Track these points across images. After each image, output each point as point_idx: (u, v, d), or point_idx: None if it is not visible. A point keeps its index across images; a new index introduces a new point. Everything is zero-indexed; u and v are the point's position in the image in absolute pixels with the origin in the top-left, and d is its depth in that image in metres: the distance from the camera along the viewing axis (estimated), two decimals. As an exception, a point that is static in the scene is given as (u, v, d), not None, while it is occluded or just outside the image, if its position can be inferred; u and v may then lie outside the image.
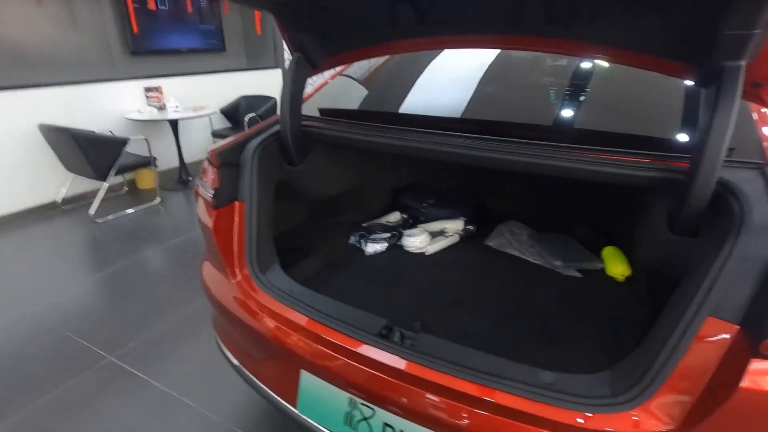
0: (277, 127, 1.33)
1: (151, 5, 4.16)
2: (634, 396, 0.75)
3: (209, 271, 1.33)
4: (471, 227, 1.74)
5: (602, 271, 1.49)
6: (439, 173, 2.08)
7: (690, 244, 0.88)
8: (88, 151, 3.12)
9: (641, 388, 0.75)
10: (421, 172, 2.10)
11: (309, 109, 1.50)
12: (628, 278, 1.42)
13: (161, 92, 4.08)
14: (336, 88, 1.66)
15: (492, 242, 1.69)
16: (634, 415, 0.74)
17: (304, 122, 1.35)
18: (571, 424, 0.76)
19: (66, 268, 2.74)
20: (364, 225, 1.75)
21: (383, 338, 0.98)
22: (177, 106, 4.18)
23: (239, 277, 1.22)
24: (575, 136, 1.18)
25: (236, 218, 1.25)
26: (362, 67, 1.79)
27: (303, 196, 1.54)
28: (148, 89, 4.07)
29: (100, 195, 3.39)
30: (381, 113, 1.48)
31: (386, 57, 1.78)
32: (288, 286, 1.17)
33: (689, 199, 0.82)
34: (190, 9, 4.58)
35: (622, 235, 1.56)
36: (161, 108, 4.09)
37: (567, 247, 1.60)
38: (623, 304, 1.30)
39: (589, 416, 0.76)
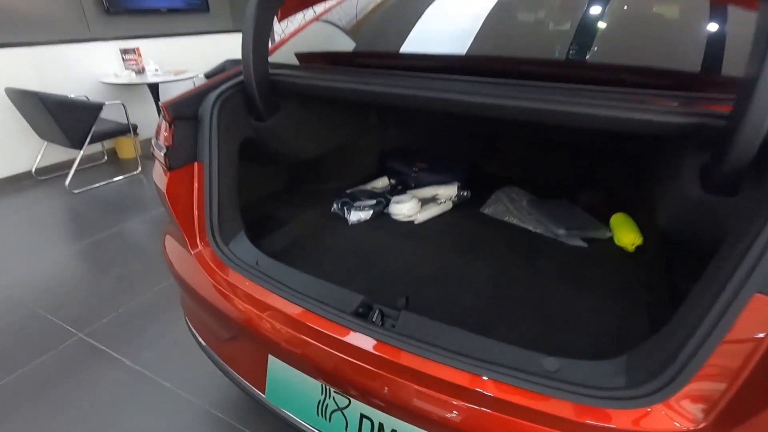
0: (241, 77, 1.14)
1: (124, -42, 3.83)
2: (658, 388, 0.61)
3: (170, 243, 1.18)
4: (465, 193, 1.58)
5: (610, 240, 1.35)
6: (430, 134, 1.90)
7: (727, 205, 0.72)
8: (60, 117, 2.91)
9: (666, 379, 0.61)
10: (411, 132, 1.91)
11: (278, 57, 1.31)
12: (638, 248, 1.27)
13: (139, 54, 3.82)
14: (313, 35, 1.46)
15: (488, 209, 1.53)
16: (657, 411, 0.61)
17: (272, 70, 1.16)
18: (579, 421, 0.63)
19: (39, 241, 2.59)
20: (348, 191, 1.59)
21: (360, 318, 0.85)
22: (157, 70, 3.93)
23: (199, 249, 1.07)
24: (592, 72, 1.01)
25: (195, 181, 1.09)
26: (348, 14, 1.59)
27: (276, 157, 1.37)
28: (125, 51, 3.81)
29: (76, 164, 3.20)
30: (367, 55, 1.29)
31: (375, 3, 1.58)
32: (253, 259, 1.02)
33: (731, 150, 0.66)
34: (168, -36, 4.24)
35: (633, 199, 1.41)
36: (140, 71, 3.84)
37: (570, 213, 1.45)
38: (635, 278, 1.16)
39: (603, 411, 0.62)
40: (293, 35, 1.42)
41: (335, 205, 1.53)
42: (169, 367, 1.61)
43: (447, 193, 1.57)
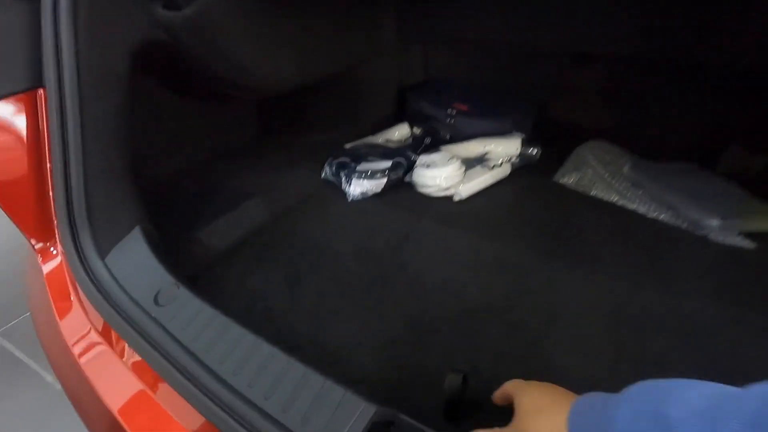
0: None
1: None
2: None
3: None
4: (533, 150, 1.02)
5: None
6: (474, 57, 1.28)
7: None
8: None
9: None
10: (445, 54, 1.30)
11: None
12: None
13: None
14: None
15: (568, 178, 0.98)
16: None
17: None
18: None
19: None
20: (348, 146, 1.04)
21: None
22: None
23: (57, 261, 0.55)
24: None
25: (41, 128, 0.55)
26: None
27: (218, 86, 0.81)
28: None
29: None
30: None
31: None
32: (151, 289, 0.50)
33: None
34: None
35: None
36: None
37: (711, 187, 0.89)
38: None
39: None
40: None
41: (327, 169, 0.98)
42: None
43: (505, 150, 1.01)
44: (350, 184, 0.94)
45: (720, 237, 0.79)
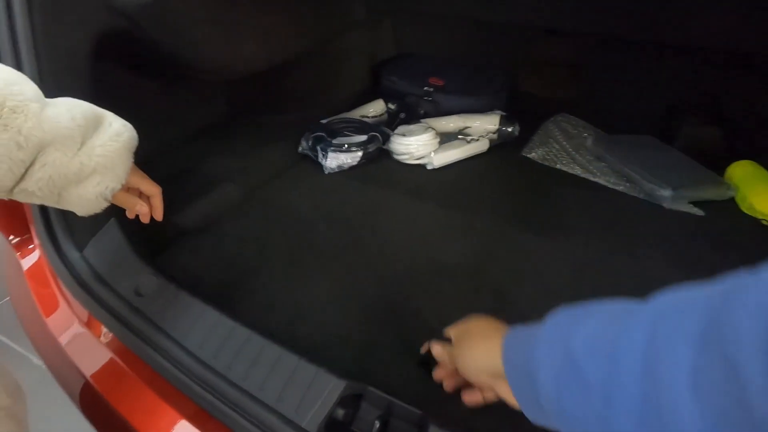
0: None
1: None
2: None
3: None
4: (511, 128, 1.04)
5: (733, 203, 0.86)
6: (442, 32, 1.28)
7: None
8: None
9: None
10: (418, 30, 1.29)
11: None
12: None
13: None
14: None
15: (534, 153, 1.01)
16: None
17: None
18: None
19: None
20: (324, 121, 1.04)
21: None
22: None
23: (34, 254, 0.56)
24: None
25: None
26: None
27: (183, 69, 0.79)
28: None
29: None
30: None
31: None
32: (130, 282, 0.52)
33: None
34: None
35: None
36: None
37: (667, 159, 0.94)
38: None
39: None
40: None
41: (304, 143, 0.99)
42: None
43: (483, 126, 1.03)
44: (326, 158, 0.95)
45: (673, 205, 0.85)
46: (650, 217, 0.83)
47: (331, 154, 0.95)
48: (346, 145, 0.96)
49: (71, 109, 0.41)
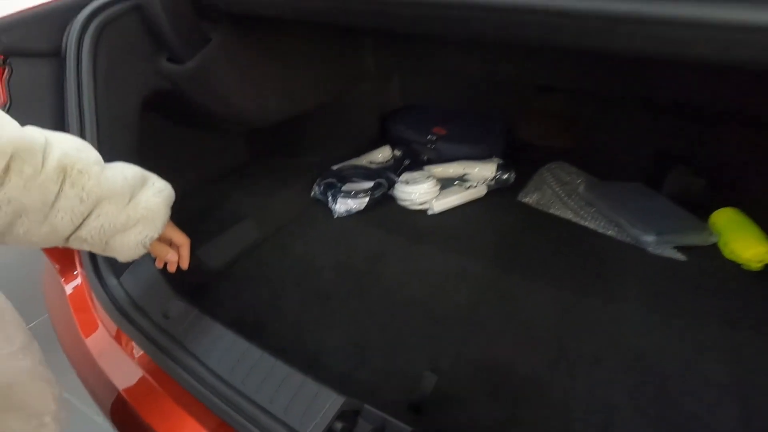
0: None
1: None
2: None
3: (49, 269, 0.75)
4: (507, 175, 1.12)
5: (714, 249, 0.92)
6: (446, 86, 1.40)
7: None
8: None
9: None
10: (424, 82, 1.41)
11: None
12: (768, 266, 0.85)
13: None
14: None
15: (529, 198, 1.09)
16: None
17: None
18: None
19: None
20: (334, 168, 1.14)
21: None
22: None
23: (75, 281, 0.64)
24: None
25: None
26: None
27: (213, 122, 0.91)
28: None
29: None
30: None
31: None
32: (159, 306, 0.60)
33: None
34: None
35: (756, 189, 0.97)
36: None
37: (654, 206, 1.00)
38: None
39: None
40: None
41: (316, 189, 1.08)
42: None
43: (481, 173, 1.11)
44: (336, 203, 1.04)
45: (657, 250, 0.90)
46: (635, 261, 0.89)
47: (340, 200, 1.04)
48: (353, 192, 1.05)
49: (123, 170, 0.50)
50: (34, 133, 0.43)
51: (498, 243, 0.94)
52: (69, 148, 0.45)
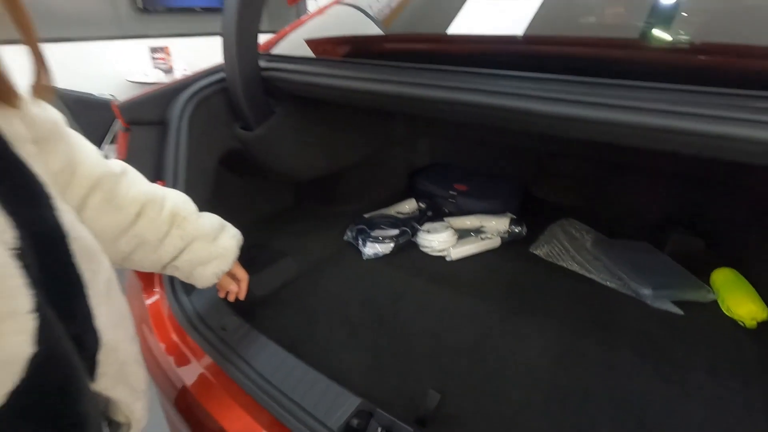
0: (223, 74, 0.88)
1: (159, -45, 3.76)
2: None
3: (132, 280, 0.92)
4: (520, 229, 1.25)
5: (713, 306, 0.98)
6: (473, 148, 1.57)
7: None
8: (79, 115, 2.80)
9: None
10: (448, 145, 1.59)
11: (285, 48, 1.04)
12: (762, 325, 0.91)
13: (168, 53, 3.71)
14: (331, 23, 1.18)
15: (540, 250, 1.20)
16: None
17: (265, 64, 0.89)
18: None
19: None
20: (366, 216, 1.30)
21: None
22: (185, 69, 3.80)
23: (155, 296, 0.81)
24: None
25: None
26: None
27: (270, 175, 1.09)
28: (154, 50, 3.71)
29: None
30: (396, 39, 1.00)
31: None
32: (218, 320, 0.74)
33: None
34: (205, -38, 4.14)
35: (751, 252, 1.04)
36: (168, 71, 3.73)
37: (656, 264, 1.09)
38: (764, 370, 0.80)
39: None
40: (306, 20, 1.15)
41: (349, 233, 1.24)
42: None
43: (496, 226, 1.24)
44: (365, 247, 1.18)
45: (656, 303, 0.98)
46: (634, 312, 0.97)
47: (369, 244, 1.19)
48: (381, 237, 1.20)
49: (211, 218, 0.66)
50: (157, 189, 0.61)
51: (507, 288, 1.05)
52: (178, 201, 0.62)
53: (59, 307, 0.38)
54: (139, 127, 0.82)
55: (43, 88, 0.44)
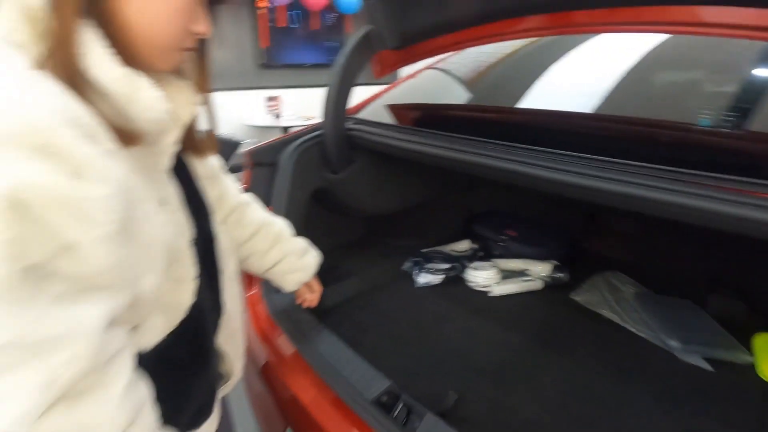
0: (321, 131, 1.18)
1: (281, 22, 4.52)
2: None
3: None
4: (562, 275, 1.36)
5: (750, 367, 1.00)
6: (526, 200, 1.72)
7: None
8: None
9: None
10: (503, 195, 1.76)
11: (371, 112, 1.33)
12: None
13: (279, 102, 4.38)
14: (419, 87, 1.46)
15: (580, 297, 1.29)
16: None
17: (350, 125, 1.17)
18: None
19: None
20: (423, 251, 1.50)
21: (380, 408, 0.74)
22: (291, 115, 4.44)
23: (253, 291, 1.09)
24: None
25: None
26: (466, 61, 1.54)
27: (346, 210, 1.36)
28: (269, 98, 4.40)
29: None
30: (468, 109, 1.21)
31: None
32: (294, 314, 0.99)
33: None
34: (317, 26, 4.87)
35: None
36: (278, 116, 4.38)
37: (694, 321, 1.13)
38: None
39: None
40: (392, 88, 1.45)
41: (407, 264, 1.45)
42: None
43: (540, 270, 1.37)
44: (419, 276, 1.38)
45: (685, 357, 1.03)
46: (661, 362, 1.02)
47: (422, 274, 1.38)
48: (434, 269, 1.39)
49: (301, 241, 0.92)
50: (269, 216, 0.88)
51: (539, 324, 1.17)
52: (282, 226, 0.89)
53: (206, 279, 0.63)
54: (260, 166, 1.13)
55: (212, 138, 0.67)
